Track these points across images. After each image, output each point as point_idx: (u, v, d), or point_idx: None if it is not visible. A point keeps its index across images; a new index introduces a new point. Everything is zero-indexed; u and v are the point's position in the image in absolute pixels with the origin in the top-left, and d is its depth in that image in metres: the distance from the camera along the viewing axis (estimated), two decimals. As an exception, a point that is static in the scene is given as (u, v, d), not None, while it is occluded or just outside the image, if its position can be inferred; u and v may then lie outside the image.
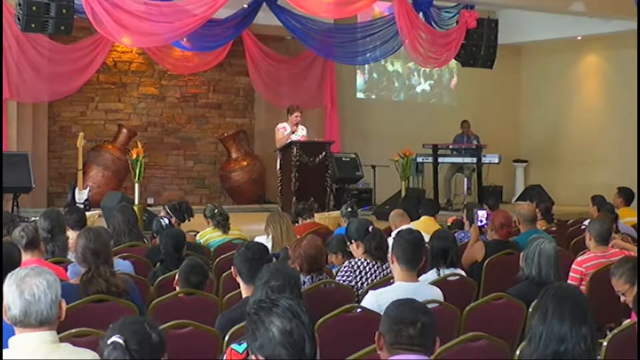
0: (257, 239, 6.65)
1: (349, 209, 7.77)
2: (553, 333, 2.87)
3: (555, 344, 2.86)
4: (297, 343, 2.47)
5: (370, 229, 5.32)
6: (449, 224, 8.21)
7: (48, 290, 2.89)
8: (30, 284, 2.88)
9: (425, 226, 7.10)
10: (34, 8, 8.97)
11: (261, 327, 2.49)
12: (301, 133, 11.58)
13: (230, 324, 3.72)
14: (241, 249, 4.23)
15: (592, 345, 2.87)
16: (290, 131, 11.47)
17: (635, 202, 10.58)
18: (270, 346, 2.46)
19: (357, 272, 5.10)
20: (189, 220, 7.36)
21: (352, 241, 5.42)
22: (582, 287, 5.39)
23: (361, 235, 5.32)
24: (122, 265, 5.17)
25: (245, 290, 4.11)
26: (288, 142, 11.30)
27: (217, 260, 6.19)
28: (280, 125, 11.63)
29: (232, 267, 4.25)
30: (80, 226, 6.18)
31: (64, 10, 9.13)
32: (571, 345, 2.84)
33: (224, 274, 5.46)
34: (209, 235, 7.17)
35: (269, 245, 6.32)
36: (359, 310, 4.20)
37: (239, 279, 4.17)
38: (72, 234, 6.00)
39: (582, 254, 5.80)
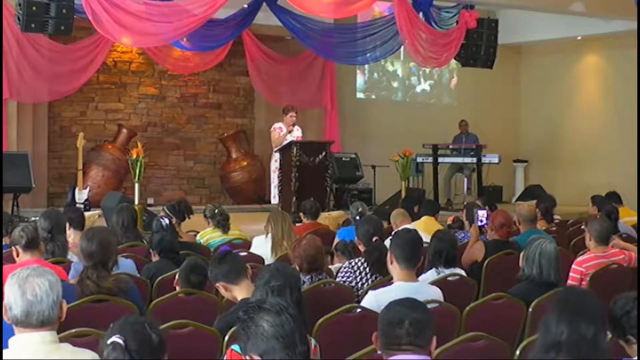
0: (256, 239, 6.66)
1: (359, 209, 7.76)
2: (552, 332, 2.87)
3: (553, 344, 2.85)
4: (289, 335, 2.50)
5: (374, 239, 5.34)
6: (449, 222, 8.21)
7: (50, 291, 2.89)
8: (33, 284, 2.88)
9: (426, 226, 7.10)
10: (34, 8, 8.96)
11: (252, 325, 2.52)
12: (296, 134, 11.63)
13: (228, 327, 3.70)
14: (210, 262, 4.19)
15: (598, 344, 2.85)
16: (287, 131, 11.52)
17: (635, 202, 10.60)
18: (263, 341, 2.49)
19: (357, 273, 5.11)
20: (189, 217, 7.34)
21: (359, 240, 5.53)
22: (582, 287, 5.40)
23: (366, 241, 5.37)
24: (124, 264, 5.17)
25: (239, 292, 4.00)
26: (287, 142, 11.33)
27: (217, 260, 6.17)
28: (276, 125, 11.69)
29: (217, 285, 4.09)
30: (79, 226, 6.18)
31: (64, 10, 9.12)
32: (571, 344, 2.83)
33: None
34: (209, 236, 7.17)
35: (268, 245, 6.32)
36: (359, 310, 4.20)
37: (229, 289, 4.02)
38: (71, 234, 6.01)
39: (582, 254, 5.81)
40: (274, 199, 11.64)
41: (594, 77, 15.61)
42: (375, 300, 4.22)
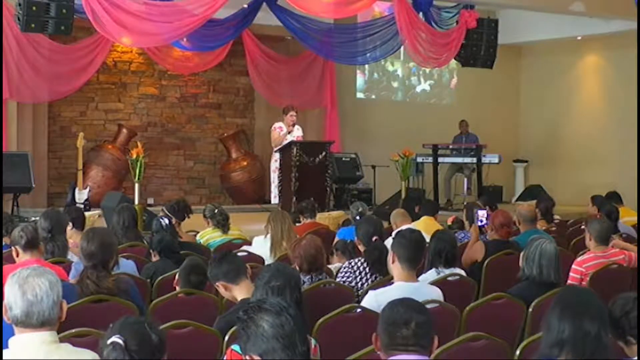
0: (256, 239, 6.66)
1: (359, 209, 7.76)
2: (554, 330, 2.86)
3: (556, 341, 2.85)
4: (289, 335, 2.50)
5: (374, 239, 5.32)
6: (449, 223, 8.21)
7: (50, 291, 2.89)
8: (33, 284, 2.88)
9: (426, 226, 7.09)
10: (34, 8, 8.97)
11: (252, 325, 2.52)
12: (297, 133, 11.62)
13: (228, 327, 3.70)
14: (210, 262, 4.20)
15: (601, 341, 2.85)
16: (287, 131, 11.51)
17: (635, 202, 10.60)
18: (263, 342, 2.49)
19: (357, 273, 5.11)
20: (188, 217, 7.33)
21: (359, 240, 5.50)
22: (582, 287, 5.40)
23: (367, 241, 5.36)
24: (125, 265, 5.18)
25: (238, 292, 4.00)
26: (287, 142, 11.33)
27: (217, 260, 6.17)
28: (276, 125, 11.68)
29: (216, 286, 4.09)
30: (81, 226, 6.17)
31: (64, 10, 9.13)
32: (575, 341, 2.82)
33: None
34: (209, 236, 7.17)
35: (267, 245, 6.31)
36: (359, 310, 4.20)
37: (229, 288, 4.01)
38: (72, 234, 6.01)
39: (582, 254, 5.81)
40: (275, 199, 11.64)
41: (594, 77, 15.61)
42: (375, 300, 4.22)
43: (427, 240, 5.46)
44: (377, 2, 11.65)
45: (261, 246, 6.41)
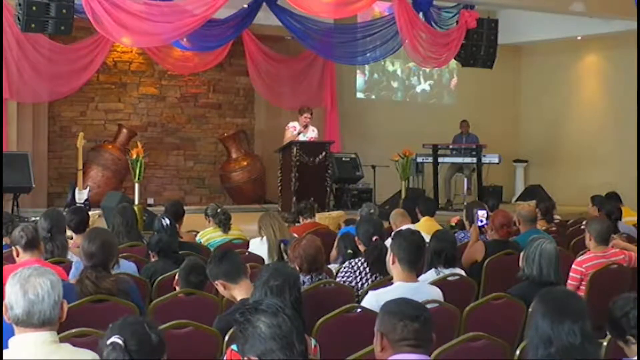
0: (253, 241, 6.65)
1: (371, 210, 7.75)
2: (539, 332, 2.86)
3: (543, 344, 2.84)
4: (286, 335, 2.50)
5: (374, 239, 5.32)
6: (452, 224, 8.18)
7: (52, 291, 2.89)
8: (34, 284, 2.88)
9: (426, 227, 7.09)
10: (34, 8, 8.97)
11: (249, 327, 2.52)
12: (311, 134, 11.48)
13: (228, 327, 3.69)
14: (209, 260, 4.19)
15: (588, 341, 2.84)
16: (298, 131, 11.48)
17: (635, 202, 10.60)
18: (261, 343, 2.49)
19: (357, 273, 5.11)
20: (181, 219, 7.26)
21: (359, 240, 5.51)
22: (582, 287, 5.40)
23: (366, 241, 5.37)
24: (126, 265, 5.18)
25: (238, 291, 4.01)
26: (288, 142, 11.31)
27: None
28: (290, 124, 11.59)
29: (215, 284, 4.10)
30: (82, 229, 6.14)
31: (64, 10, 9.13)
32: (561, 340, 2.81)
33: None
34: (209, 236, 7.16)
35: (265, 247, 6.31)
36: (359, 310, 4.20)
37: (229, 287, 4.02)
38: (72, 234, 6.00)
39: (582, 254, 5.81)
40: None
41: (594, 77, 15.61)
42: (375, 300, 4.21)
43: (427, 240, 5.48)
44: (377, 2, 11.65)
45: (257, 248, 6.41)
